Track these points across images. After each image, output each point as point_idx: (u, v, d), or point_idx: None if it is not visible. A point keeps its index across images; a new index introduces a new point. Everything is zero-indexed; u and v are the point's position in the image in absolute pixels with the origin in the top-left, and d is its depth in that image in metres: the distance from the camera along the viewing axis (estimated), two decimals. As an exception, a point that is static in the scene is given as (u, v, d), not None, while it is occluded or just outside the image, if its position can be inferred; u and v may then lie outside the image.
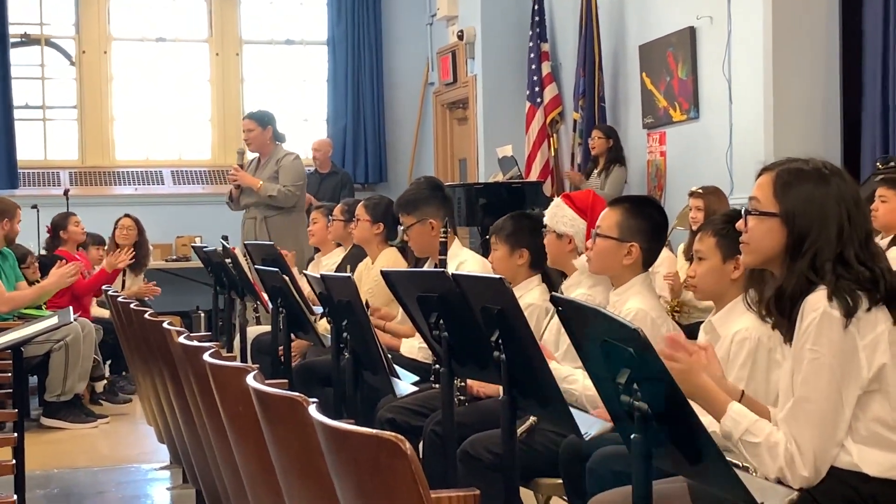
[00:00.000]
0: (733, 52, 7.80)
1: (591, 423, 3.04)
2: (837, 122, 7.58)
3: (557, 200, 4.20)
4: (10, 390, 4.93)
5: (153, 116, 11.60)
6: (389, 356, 3.81)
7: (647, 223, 3.65)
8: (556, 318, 3.70)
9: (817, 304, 2.45)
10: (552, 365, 3.27)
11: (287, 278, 4.71)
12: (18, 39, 11.05)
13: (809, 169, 2.58)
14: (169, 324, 3.90)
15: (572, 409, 2.72)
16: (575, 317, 2.38)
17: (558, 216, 4.11)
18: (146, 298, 8.36)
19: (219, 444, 2.91)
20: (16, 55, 10.98)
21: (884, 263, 2.53)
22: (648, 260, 3.68)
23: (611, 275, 3.73)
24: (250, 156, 8.55)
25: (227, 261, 6.32)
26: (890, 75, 7.19)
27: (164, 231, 10.57)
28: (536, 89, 9.96)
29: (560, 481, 3.43)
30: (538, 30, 10.02)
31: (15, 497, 3.49)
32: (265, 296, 5.46)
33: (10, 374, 5.09)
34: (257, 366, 2.51)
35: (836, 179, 2.56)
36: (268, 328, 6.06)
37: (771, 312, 2.59)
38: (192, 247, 9.61)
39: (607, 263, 3.67)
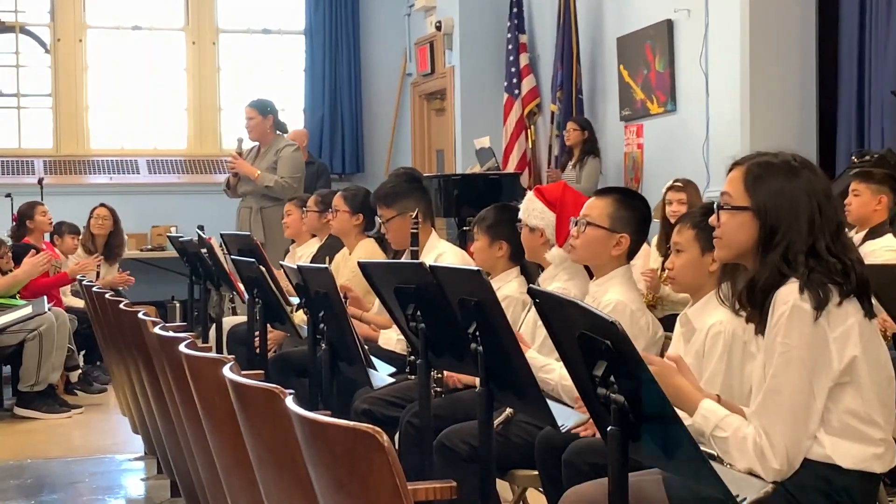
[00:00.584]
0: (711, 45, 7.82)
1: (568, 415, 3.04)
2: (813, 115, 7.61)
3: (529, 194, 4.20)
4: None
5: (129, 105, 11.54)
6: (366, 347, 3.81)
7: (636, 215, 3.65)
8: (532, 310, 3.69)
9: (788, 297, 2.46)
10: (529, 354, 3.28)
11: (263, 268, 4.69)
12: (-6, 27, 10.98)
13: (779, 162, 2.59)
14: (144, 314, 3.89)
15: (549, 402, 2.72)
16: (552, 309, 2.38)
17: (529, 209, 4.11)
18: (121, 288, 8.32)
19: (194, 434, 2.90)
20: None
21: (854, 255, 2.55)
22: (632, 252, 3.69)
23: (594, 264, 3.72)
24: (249, 144, 8.50)
25: (203, 251, 6.30)
26: (866, 69, 7.23)
27: (140, 221, 10.53)
28: (514, 81, 9.96)
29: (536, 473, 3.44)
30: (516, 21, 10.02)
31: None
32: (241, 286, 5.45)
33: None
34: (233, 357, 2.50)
35: (806, 172, 2.58)
36: (244, 319, 6.04)
37: (744, 305, 2.60)
38: (168, 236, 9.57)
39: (594, 252, 3.65)
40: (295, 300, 4.68)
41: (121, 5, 11.48)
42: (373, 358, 3.82)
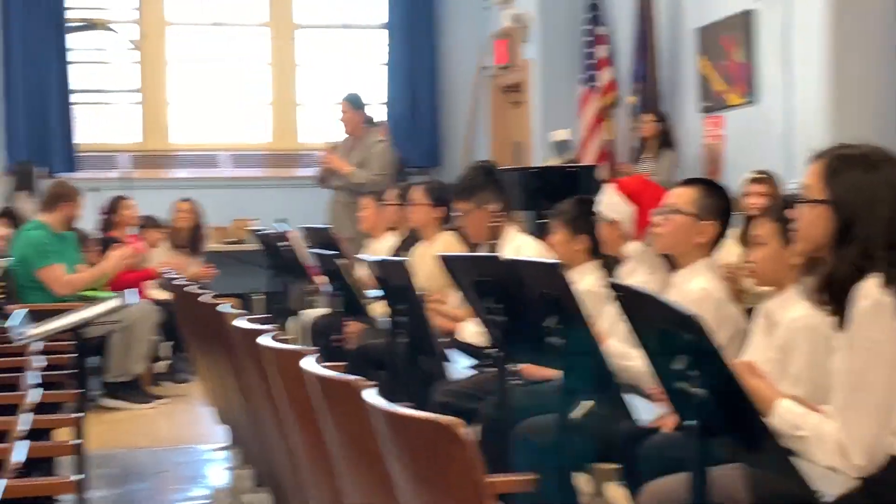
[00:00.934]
0: (792, 35, 7.70)
1: (648, 408, 3.04)
2: (898, 106, 7.48)
3: (607, 187, 4.19)
4: (72, 371, 5.00)
5: (212, 100, 11.69)
6: (445, 340, 3.83)
7: (721, 204, 3.63)
8: (612, 305, 3.69)
9: (869, 292, 2.43)
10: (609, 342, 3.27)
11: (343, 262, 4.74)
12: (80, 24, 11.17)
13: (858, 155, 2.56)
14: (227, 306, 3.94)
15: (629, 395, 2.72)
16: (633, 303, 2.38)
17: (607, 202, 4.10)
18: (204, 281, 8.44)
19: (275, 426, 2.94)
20: (78, 40, 11.10)
21: None
22: (716, 243, 3.66)
23: (678, 252, 3.68)
24: (341, 149, 8.52)
25: (283, 244, 6.37)
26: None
27: (222, 214, 10.65)
28: (591, 73, 9.92)
29: (616, 466, 3.43)
30: (594, 13, 9.97)
31: (79, 476, 3.54)
32: (321, 279, 5.50)
33: (71, 356, 5.16)
34: (314, 349, 2.53)
35: (886, 165, 2.54)
36: (324, 311, 6.10)
37: (821, 300, 2.58)
38: (250, 230, 9.69)
39: (679, 240, 3.61)
40: (374, 293, 4.72)
41: (203, 2, 11.62)
42: (451, 350, 3.84)
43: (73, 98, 10.92)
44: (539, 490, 2.53)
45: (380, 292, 4.23)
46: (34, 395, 3.86)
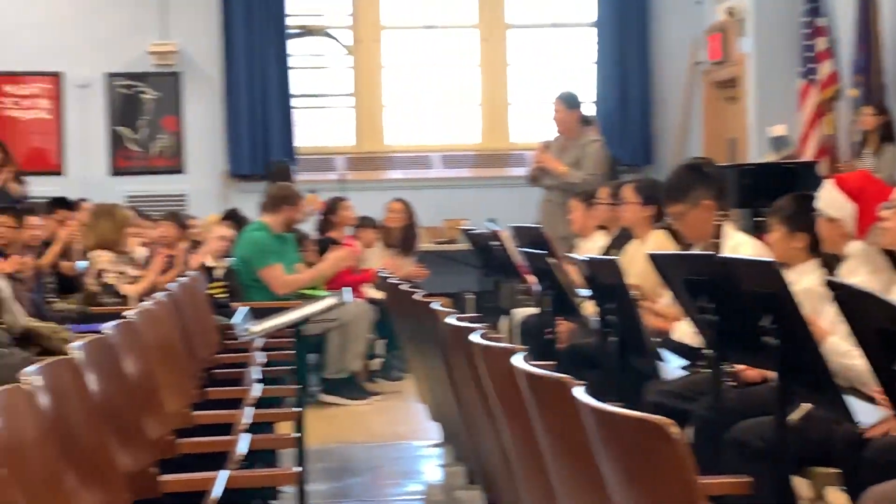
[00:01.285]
0: None
1: (868, 411, 2.93)
2: None
3: (827, 183, 4.05)
4: (292, 367, 5.17)
5: (423, 102, 11.88)
6: (657, 339, 3.79)
7: None
8: (832, 305, 3.57)
9: None
10: (832, 339, 3.16)
11: (553, 261, 4.74)
12: (298, 31, 11.53)
13: None
14: (439, 305, 4.00)
15: (850, 398, 2.63)
16: (851, 302, 2.30)
17: (828, 199, 3.97)
18: (416, 280, 8.58)
19: (487, 423, 2.97)
20: (296, 46, 11.46)
21: None
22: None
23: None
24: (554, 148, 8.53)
25: (494, 243, 6.41)
26: None
27: (433, 214, 10.80)
28: (811, 66, 9.61)
29: (836, 471, 3.32)
30: (813, 4, 9.66)
31: (298, 468, 3.67)
32: (531, 278, 5.51)
33: (291, 352, 5.33)
34: (524, 347, 2.54)
35: None
36: (535, 311, 6.11)
37: None
38: (461, 229, 9.79)
39: None
40: (584, 292, 4.70)
41: (415, 5, 11.83)
42: (664, 350, 3.79)
43: (292, 102, 11.28)
44: (754, 494, 2.48)
45: (590, 291, 4.21)
46: (256, 390, 4.01)
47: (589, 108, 11.43)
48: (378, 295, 7.99)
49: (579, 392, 1.89)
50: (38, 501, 2.28)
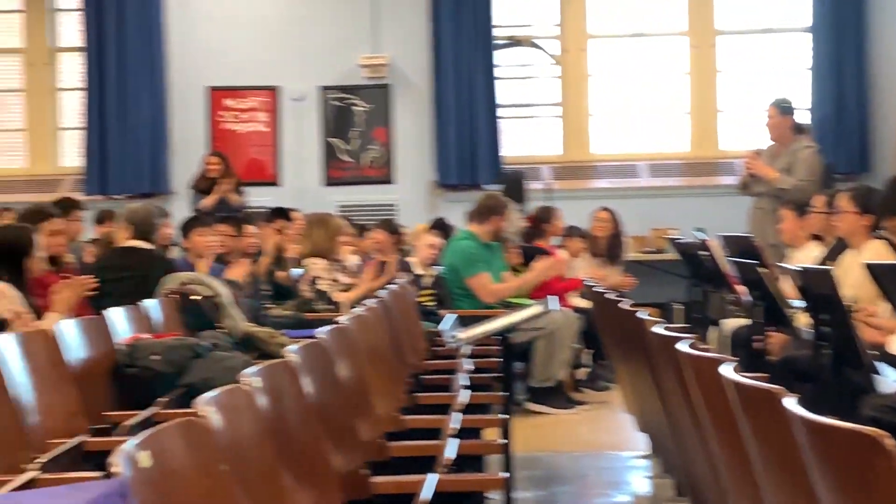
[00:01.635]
0: None
1: None
2: None
3: None
4: (498, 375, 5.21)
5: (630, 110, 11.80)
6: (874, 352, 3.67)
7: None
8: None
9: None
10: None
11: (764, 271, 4.65)
12: (505, 41, 11.64)
13: None
14: (646, 314, 3.98)
15: None
16: None
17: None
18: (623, 290, 8.52)
19: (695, 434, 2.94)
20: (503, 56, 11.56)
21: None
22: None
23: None
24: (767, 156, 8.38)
25: (703, 252, 6.32)
26: None
27: (640, 223, 10.71)
28: None
29: None
30: None
31: (505, 475, 3.71)
32: (741, 288, 5.42)
33: (498, 360, 5.38)
34: (734, 358, 2.51)
35: None
36: (745, 322, 6.00)
37: None
38: (668, 239, 9.68)
39: None
40: (797, 303, 4.59)
41: (623, 14, 11.76)
42: (881, 363, 3.67)
43: (499, 112, 11.38)
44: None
45: (803, 302, 4.11)
46: (464, 396, 4.07)
47: (802, 116, 11.15)
48: (584, 304, 7.98)
49: (790, 403, 1.86)
50: (257, 498, 2.38)
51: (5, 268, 4.72)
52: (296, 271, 7.28)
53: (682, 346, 2.79)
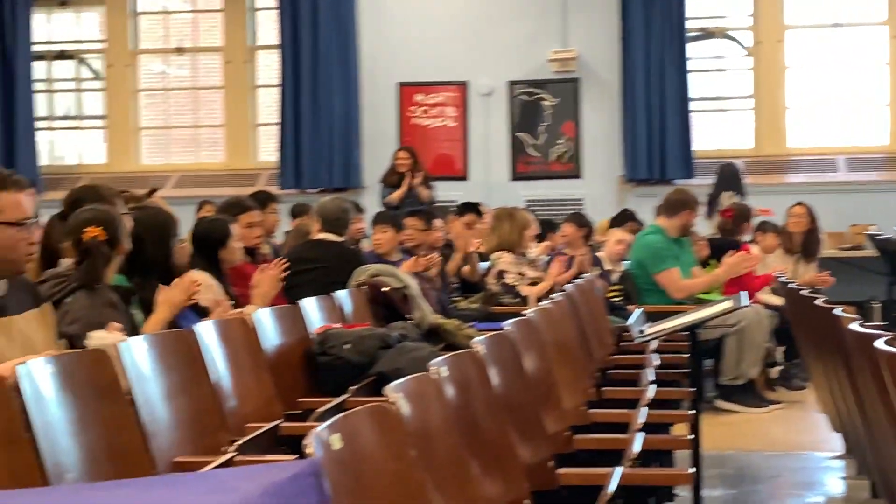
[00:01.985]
0: None
1: None
2: None
3: None
4: (686, 371, 5.15)
5: (827, 103, 11.46)
6: None
7: None
8: None
9: None
10: None
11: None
12: (697, 34, 11.45)
13: None
14: (841, 311, 3.86)
15: None
16: None
17: None
18: (818, 287, 8.29)
19: (892, 434, 2.84)
20: (694, 49, 11.38)
21: None
22: None
23: None
24: None
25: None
26: None
27: (837, 219, 10.38)
28: None
29: None
30: None
31: (693, 470, 3.66)
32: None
33: (686, 356, 5.31)
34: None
35: None
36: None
37: None
38: (867, 235, 9.37)
39: None
40: None
41: (821, 3, 11.43)
42: None
43: (690, 106, 11.20)
44: None
45: None
46: (651, 391, 4.03)
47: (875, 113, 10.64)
48: (777, 301, 7.79)
49: None
50: (445, 485, 2.41)
51: (204, 258, 4.90)
52: (482, 264, 7.33)
53: (881, 344, 2.70)
